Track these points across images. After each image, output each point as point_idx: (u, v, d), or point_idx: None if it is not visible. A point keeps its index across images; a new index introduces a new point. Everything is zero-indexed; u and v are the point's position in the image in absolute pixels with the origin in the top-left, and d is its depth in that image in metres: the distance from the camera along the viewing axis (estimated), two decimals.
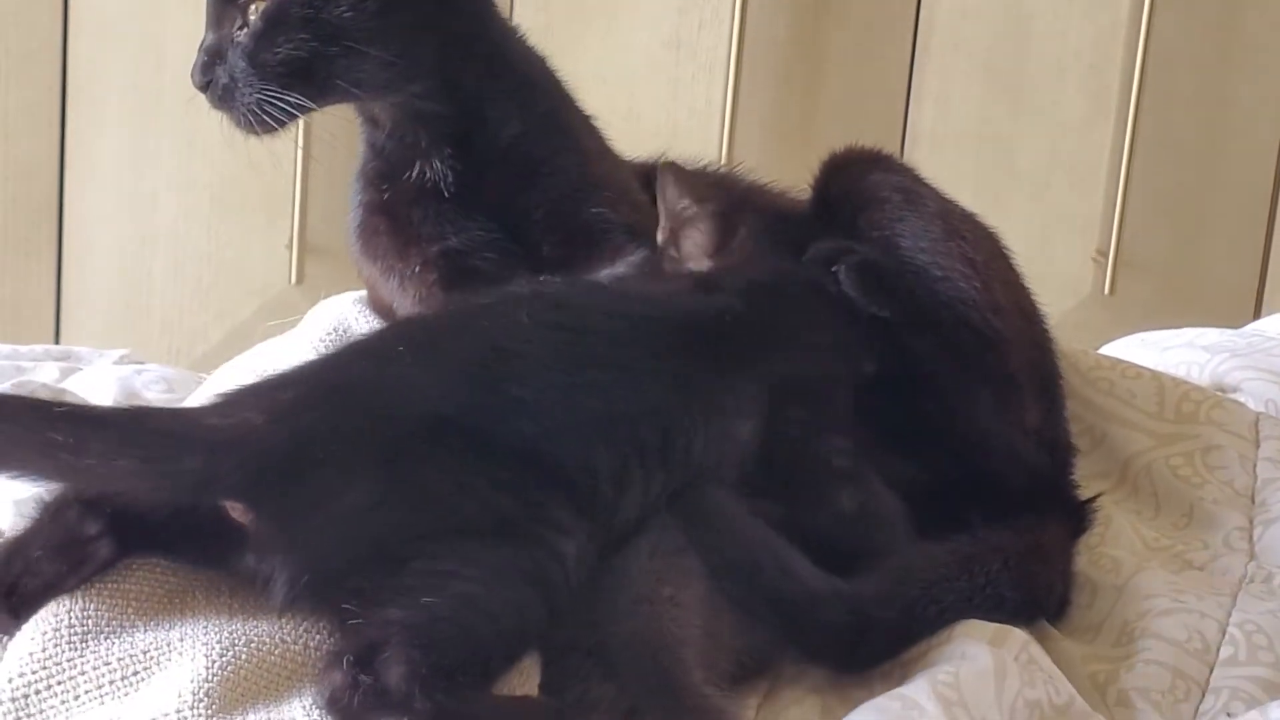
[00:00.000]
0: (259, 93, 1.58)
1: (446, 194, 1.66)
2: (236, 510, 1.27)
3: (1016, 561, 1.52)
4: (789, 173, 2.05)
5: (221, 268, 2.85)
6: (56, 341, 2.82)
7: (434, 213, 1.66)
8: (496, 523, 1.25)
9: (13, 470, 1.25)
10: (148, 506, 1.32)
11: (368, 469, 1.25)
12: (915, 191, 1.72)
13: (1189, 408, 1.78)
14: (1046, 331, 1.73)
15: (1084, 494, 1.68)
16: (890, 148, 2.94)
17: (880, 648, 1.42)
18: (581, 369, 1.35)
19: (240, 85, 1.59)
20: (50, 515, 1.34)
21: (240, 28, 1.59)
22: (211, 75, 1.60)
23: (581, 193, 1.68)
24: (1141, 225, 3.00)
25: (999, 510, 1.57)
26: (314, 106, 1.61)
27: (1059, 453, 1.69)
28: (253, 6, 1.59)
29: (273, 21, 1.58)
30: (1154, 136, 2.98)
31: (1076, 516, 1.65)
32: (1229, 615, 1.56)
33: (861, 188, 1.72)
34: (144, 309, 2.85)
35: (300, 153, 2.48)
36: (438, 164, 1.66)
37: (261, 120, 1.59)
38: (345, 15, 1.58)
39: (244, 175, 2.78)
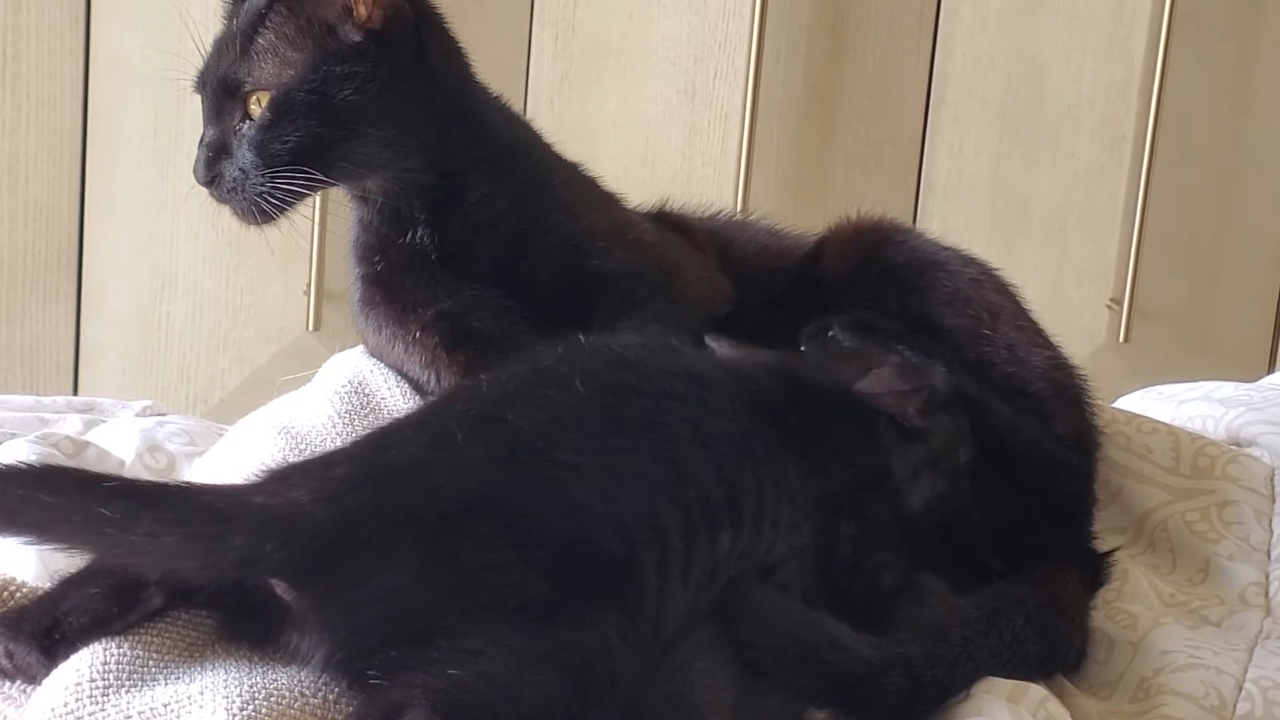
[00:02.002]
0: (270, 182, 1.60)
1: (435, 262, 1.68)
2: (280, 588, 1.28)
3: (1036, 615, 1.52)
4: (803, 220, 2.06)
5: (239, 313, 2.86)
6: (75, 384, 2.83)
7: (425, 278, 1.68)
8: (530, 607, 1.25)
9: (61, 543, 1.27)
10: (193, 582, 1.33)
11: (408, 550, 1.25)
12: (938, 262, 1.74)
13: (1205, 463, 1.79)
14: (1084, 390, 1.73)
15: (1101, 547, 1.68)
16: (905, 196, 2.98)
17: (929, 707, 1.42)
18: (637, 442, 1.34)
19: (251, 176, 1.61)
20: None
21: (243, 120, 1.62)
22: (217, 170, 1.62)
23: (576, 250, 1.69)
24: (1156, 274, 3.01)
25: (1017, 556, 1.57)
26: (320, 189, 1.64)
27: (1083, 499, 1.69)
28: (254, 98, 1.62)
29: (280, 111, 1.60)
30: (1168, 185, 2.99)
31: (1094, 569, 1.66)
32: (1245, 671, 1.55)
33: (884, 262, 1.74)
34: (162, 354, 2.86)
35: (318, 198, 2.49)
36: (425, 232, 1.68)
37: (272, 208, 1.61)
38: (350, 99, 1.60)
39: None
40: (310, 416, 1.64)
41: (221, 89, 1.64)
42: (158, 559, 1.27)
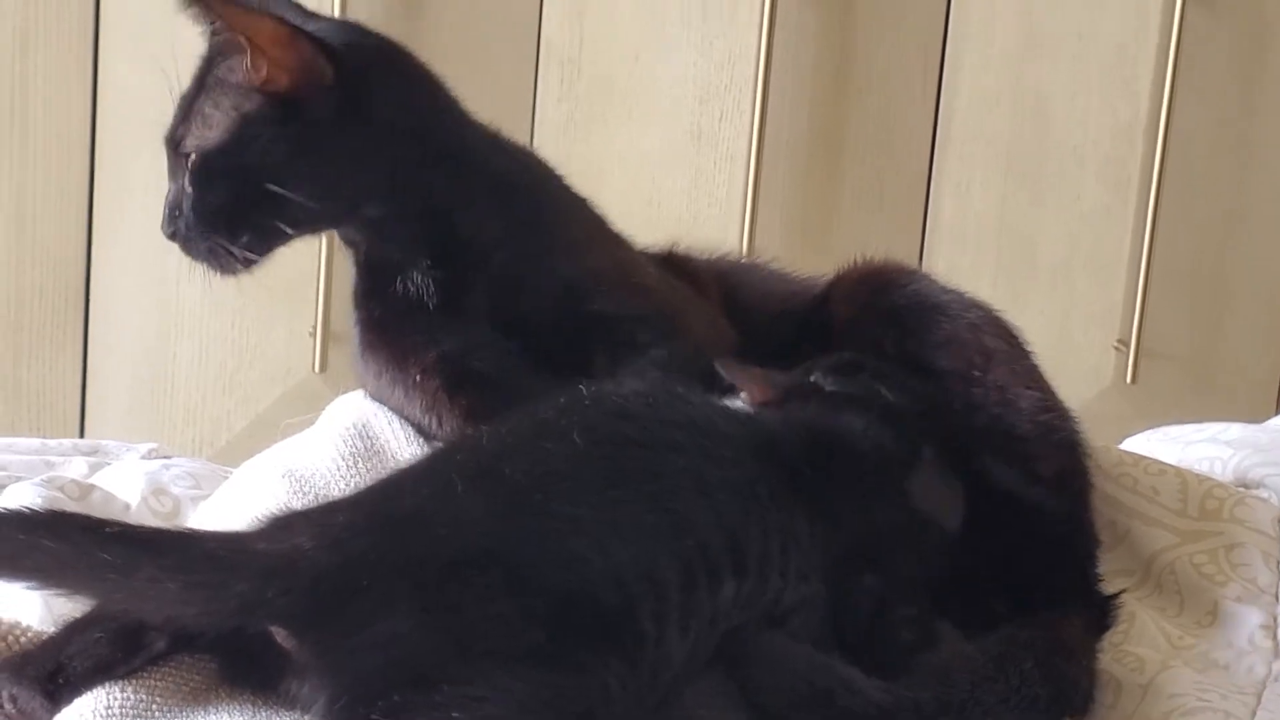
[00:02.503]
0: (208, 241, 1.63)
1: (431, 305, 1.67)
2: (281, 635, 1.28)
3: (1044, 658, 1.52)
4: (809, 261, 2.06)
5: (245, 355, 2.86)
6: (81, 426, 2.83)
7: (423, 323, 1.68)
8: (531, 655, 1.25)
9: (63, 589, 1.28)
10: (194, 628, 1.34)
11: (410, 597, 1.25)
12: (938, 305, 1.74)
13: (1212, 505, 1.78)
14: (1074, 431, 1.73)
15: (1108, 589, 1.68)
16: (910, 237, 2.98)
17: None
18: (638, 493, 1.34)
19: (195, 236, 1.63)
20: None
21: (186, 180, 1.64)
22: (175, 226, 1.65)
23: (577, 291, 1.68)
24: (1163, 315, 3.00)
25: (1022, 599, 1.57)
26: (267, 250, 1.66)
27: (1082, 539, 1.69)
28: (190, 159, 1.63)
29: (200, 174, 1.62)
30: (1174, 226, 2.99)
31: (1101, 611, 1.65)
32: (1254, 715, 1.55)
33: (886, 305, 1.74)
34: (168, 395, 2.86)
35: (323, 240, 2.50)
36: (418, 276, 1.67)
37: (221, 266, 1.65)
38: (265, 160, 1.61)
39: (276, 253, 2.79)
40: (315, 460, 1.64)
41: (171, 147, 1.67)
42: (159, 605, 1.27)
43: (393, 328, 1.70)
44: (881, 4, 2.95)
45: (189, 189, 1.63)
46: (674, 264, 1.83)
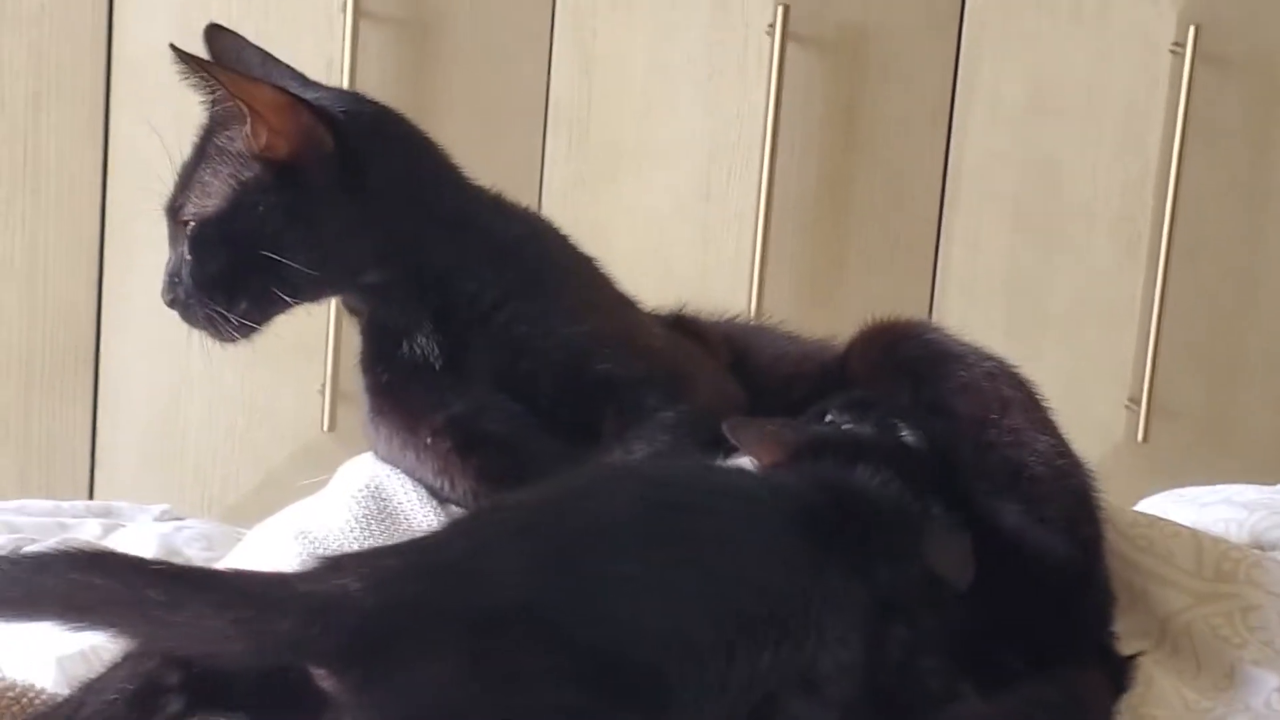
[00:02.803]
0: (207, 309, 1.64)
1: (437, 367, 1.68)
2: (320, 675, 1.28)
3: (1060, 718, 1.51)
4: (819, 320, 2.06)
5: (254, 413, 2.86)
6: (90, 481, 2.83)
7: (431, 386, 1.68)
8: (565, 712, 1.25)
9: (109, 628, 1.27)
10: (234, 667, 1.34)
11: (451, 645, 1.25)
12: (954, 355, 1.74)
13: (1228, 566, 1.77)
14: (1087, 479, 1.73)
15: (1125, 650, 1.67)
16: (920, 294, 2.98)
17: None
18: (678, 556, 1.34)
19: (193, 303, 1.64)
20: (133, 661, 1.36)
21: (185, 248, 1.65)
22: (175, 294, 1.65)
23: (580, 353, 1.68)
24: (1174, 373, 3.00)
25: (1038, 654, 1.56)
26: (265, 318, 1.66)
27: (1096, 591, 1.68)
28: (189, 226, 1.64)
29: (199, 242, 1.63)
30: (1185, 283, 2.99)
31: (1118, 671, 1.64)
32: None
33: (900, 357, 1.74)
34: (178, 454, 2.86)
35: (333, 300, 2.50)
36: (422, 340, 1.68)
37: (220, 334, 1.65)
38: (262, 228, 1.62)
39: (277, 319, 2.80)
40: (328, 521, 1.64)
41: (171, 215, 1.67)
42: (204, 642, 1.27)
43: (401, 392, 1.70)
44: (890, 60, 2.96)
45: (188, 257, 1.64)
46: (682, 326, 1.83)
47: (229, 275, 1.63)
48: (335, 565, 1.31)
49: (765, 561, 1.37)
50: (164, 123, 2.73)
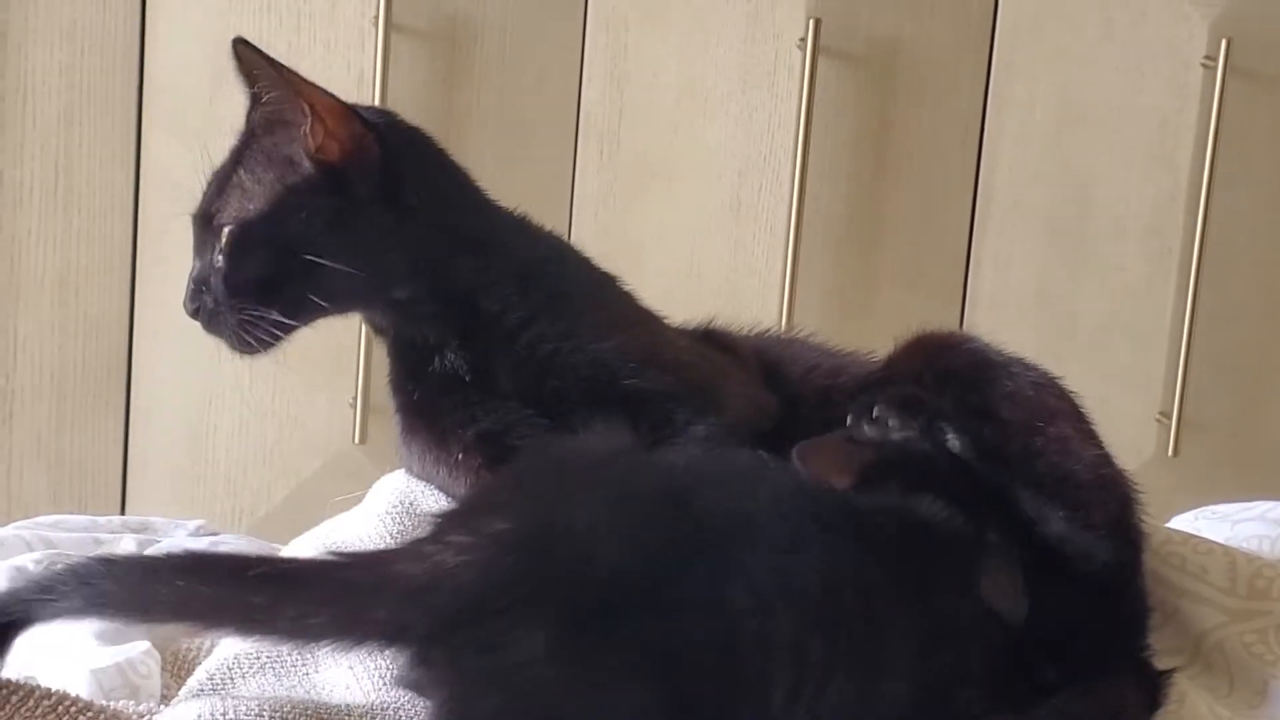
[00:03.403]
0: (239, 314, 1.64)
1: (467, 380, 1.69)
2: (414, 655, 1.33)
3: None
4: (849, 335, 2.05)
5: (285, 425, 2.87)
6: (123, 495, 2.84)
7: (461, 400, 1.69)
8: (659, 709, 1.25)
9: (218, 631, 1.35)
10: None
11: (546, 622, 1.25)
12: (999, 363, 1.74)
13: (1262, 584, 1.77)
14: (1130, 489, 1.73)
15: (1159, 667, 1.66)
16: (951, 309, 2.98)
17: None
18: (806, 563, 1.34)
19: (223, 310, 1.64)
20: None
21: (218, 253, 1.65)
22: (200, 302, 1.66)
23: (607, 370, 1.68)
24: (1205, 387, 2.99)
25: (1072, 666, 1.56)
26: (295, 324, 1.66)
27: (1133, 603, 1.67)
28: (224, 231, 1.65)
29: (237, 245, 1.63)
30: (1216, 298, 2.98)
31: (1152, 686, 1.64)
32: None
33: (942, 366, 1.74)
34: (210, 466, 2.86)
35: None
36: (451, 356, 1.69)
37: (247, 343, 1.65)
38: (306, 233, 1.62)
39: (308, 332, 2.80)
40: (360, 537, 1.65)
41: (201, 222, 1.68)
42: (306, 640, 1.31)
43: (430, 409, 1.71)
44: (921, 76, 2.96)
45: (221, 262, 1.64)
46: (712, 339, 1.83)
47: (265, 280, 1.63)
48: (437, 534, 1.34)
49: (857, 589, 1.36)
50: (195, 139, 2.76)
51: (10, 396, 2.81)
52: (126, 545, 1.84)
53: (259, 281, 1.63)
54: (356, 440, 2.84)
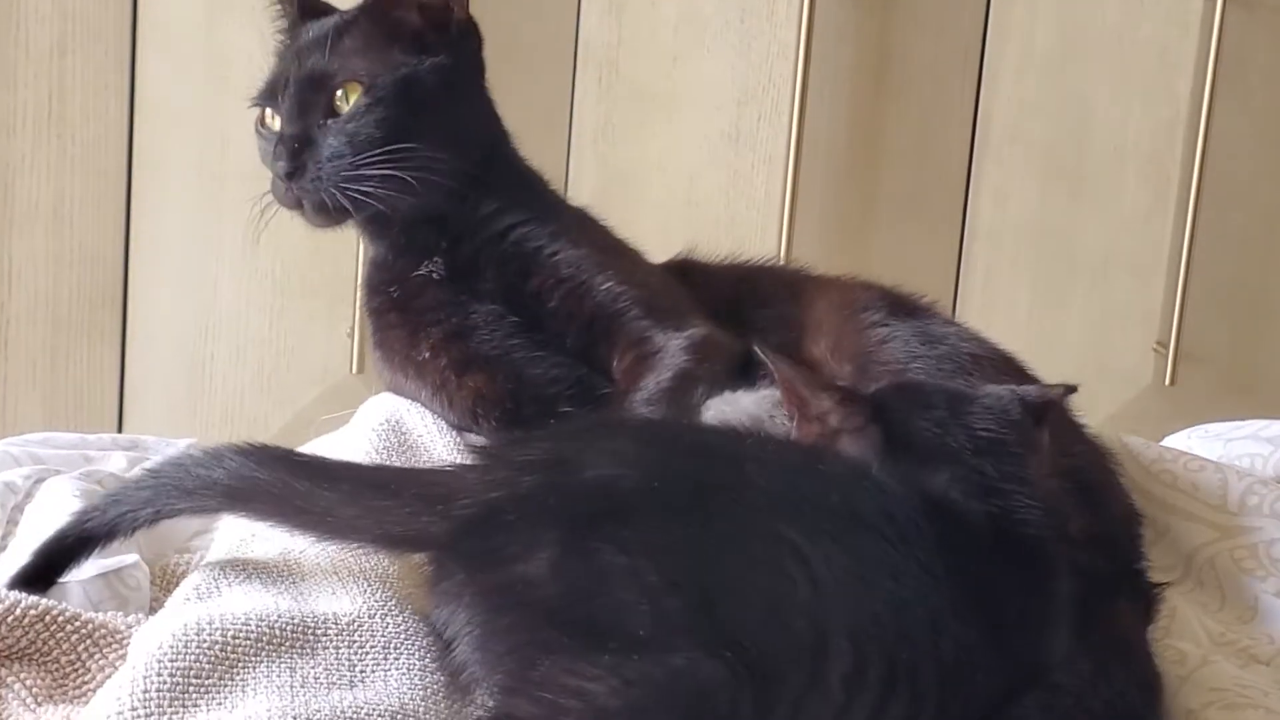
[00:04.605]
0: (356, 170, 1.68)
1: (444, 279, 1.75)
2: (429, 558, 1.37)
3: (1102, 658, 1.49)
4: (847, 264, 2.06)
5: (283, 355, 2.86)
6: (119, 426, 2.84)
7: (435, 299, 1.75)
8: (654, 636, 1.24)
9: (262, 518, 1.40)
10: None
11: (553, 538, 1.27)
12: None
13: (1253, 500, 1.77)
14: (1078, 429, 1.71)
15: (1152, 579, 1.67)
16: (949, 240, 2.97)
17: None
18: (863, 554, 1.32)
19: (338, 164, 1.67)
20: None
21: (326, 115, 1.70)
22: (299, 162, 1.66)
23: (588, 270, 1.74)
24: (1202, 316, 2.98)
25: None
26: (379, 200, 1.69)
27: (1118, 525, 1.67)
28: (340, 92, 1.70)
29: (371, 100, 1.70)
30: (1214, 228, 2.97)
31: (1146, 600, 1.64)
32: None
33: None
34: (206, 395, 2.86)
35: (362, 239, 2.50)
36: (439, 260, 1.76)
37: (353, 200, 1.69)
38: (429, 94, 1.73)
39: (306, 262, 2.80)
40: (348, 454, 1.65)
41: (307, 85, 1.72)
42: (337, 532, 1.36)
43: (409, 306, 1.76)
44: (921, 5, 2.94)
45: (343, 119, 1.69)
46: (687, 269, 1.86)
47: (385, 136, 1.69)
48: (475, 459, 1.38)
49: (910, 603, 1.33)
50: (190, 68, 2.75)
51: (5, 325, 2.81)
52: (116, 462, 1.84)
53: (385, 136, 1.69)
54: (354, 370, 2.84)
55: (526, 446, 1.37)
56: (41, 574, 1.49)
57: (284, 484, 1.35)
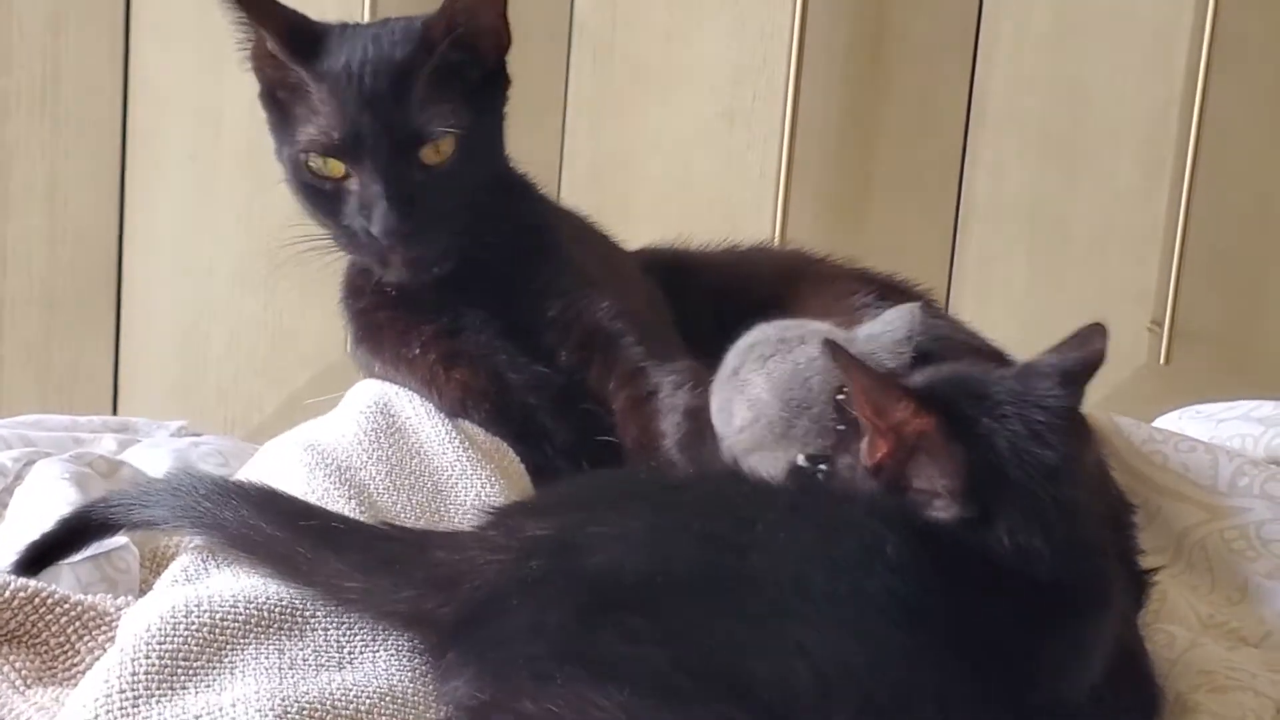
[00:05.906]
0: (459, 225, 1.69)
1: (440, 280, 1.73)
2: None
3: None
4: (842, 243, 2.05)
5: (277, 336, 2.86)
6: (114, 407, 2.84)
7: (430, 300, 1.74)
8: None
9: (266, 570, 1.41)
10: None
11: (555, 625, 1.28)
12: None
13: (1244, 481, 1.77)
14: None
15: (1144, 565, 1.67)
16: (944, 218, 2.97)
17: None
18: (840, 619, 1.30)
19: (440, 229, 1.68)
20: None
21: (421, 169, 1.66)
22: (417, 221, 1.66)
23: (588, 290, 1.74)
24: (1197, 295, 2.98)
25: None
26: (480, 244, 1.71)
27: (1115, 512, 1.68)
28: (432, 146, 1.66)
29: (461, 157, 1.66)
30: (1209, 206, 2.96)
31: (1137, 585, 1.64)
32: None
33: None
34: (200, 377, 2.86)
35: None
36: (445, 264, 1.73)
37: (459, 250, 1.69)
38: (491, 135, 1.73)
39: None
40: (337, 435, 1.67)
41: (400, 139, 1.65)
42: (339, 599, 1.38)
43: (403, 304, 1.76)
44: None
45: (440, 173, 1.65)
46: (665, 261, 1.88)
47: (484, 184, 1.70)
48: (481, 528, 1.39)
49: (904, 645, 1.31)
50: (185, 48, 2.75)
51: None
52: (107, 444, 1.85)
53: (472, 189, 1.68)
54: (348, 351, 2.83)
55: (536, 519, 1.37)
56: (37, 560, 1.51)
57: (289, 546, 1.38)
